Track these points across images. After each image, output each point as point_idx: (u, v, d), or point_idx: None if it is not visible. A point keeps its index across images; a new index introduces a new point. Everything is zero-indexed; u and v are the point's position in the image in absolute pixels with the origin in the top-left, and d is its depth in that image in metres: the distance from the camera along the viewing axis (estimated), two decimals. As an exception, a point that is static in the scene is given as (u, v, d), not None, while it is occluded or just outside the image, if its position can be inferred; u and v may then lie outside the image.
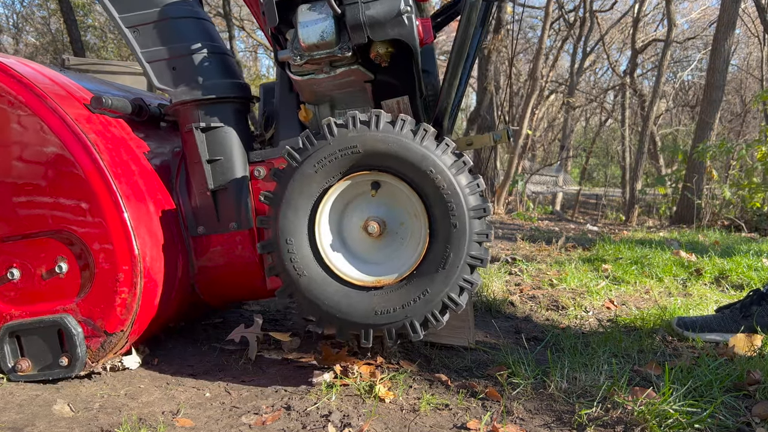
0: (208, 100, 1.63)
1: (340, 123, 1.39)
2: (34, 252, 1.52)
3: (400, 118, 1.38)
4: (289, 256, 1.41)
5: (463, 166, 1.37)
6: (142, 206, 1.54)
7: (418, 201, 1.39)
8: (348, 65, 1.46)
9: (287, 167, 1.41)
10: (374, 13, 1.36)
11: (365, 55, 1.47)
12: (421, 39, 1.44)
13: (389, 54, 1.44)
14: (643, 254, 3.45)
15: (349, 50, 1.41)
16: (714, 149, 7.07)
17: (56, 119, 1.47)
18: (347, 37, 1.41)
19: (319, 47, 1.41)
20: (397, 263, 1.44)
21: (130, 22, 1.63)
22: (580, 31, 13.46)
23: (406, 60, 1.51)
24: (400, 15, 1.36)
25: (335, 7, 1.37)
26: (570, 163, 20.20)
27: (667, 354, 1.76)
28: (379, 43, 1.42)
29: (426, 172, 1.35)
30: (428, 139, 1.37)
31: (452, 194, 1.35)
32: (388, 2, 1.36)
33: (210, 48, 1.66)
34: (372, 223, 1.43)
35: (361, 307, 1.40)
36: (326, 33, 1.39)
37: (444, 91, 1.55)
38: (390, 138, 1.36)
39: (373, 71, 1.52)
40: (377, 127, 1.37)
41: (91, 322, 1.51)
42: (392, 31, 1.38)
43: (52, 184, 1.49)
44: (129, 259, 1.48)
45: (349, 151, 1.37)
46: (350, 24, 1.37)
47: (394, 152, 1.36)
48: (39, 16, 14.33)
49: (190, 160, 1.68)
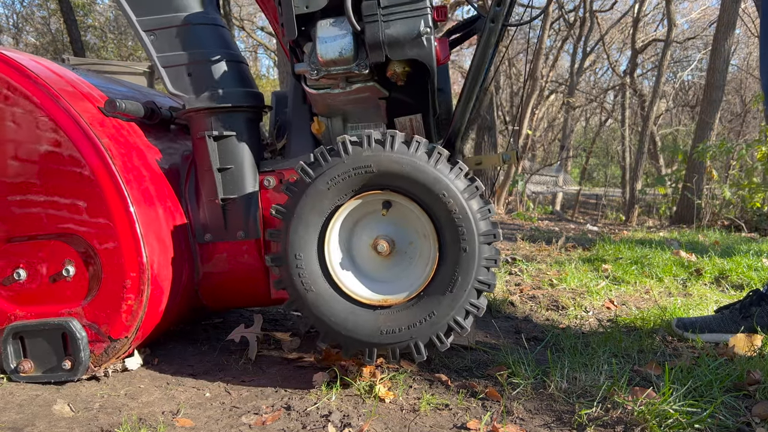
0: (223, 109, 1.62)
1: (355, 141, 1.39)
2: (42, 254, 1.52)
3: (415, 140, 1.38)
4: (297, 271, 1.41)
5: (476, 191, 1.37)
6: (151, 212, 1.54)
7: (428, 223, 1.40)
8: (364, 82, 1.46)
9: (300, 182, 1.41)
10: (394, 32, 1.36)
11: (381, 73, 1.47)
12: (438, 59, 1.44)
13: (406, 73, 1.44)
14: (643, 254, 3.45)
15: (367, 68, 1.41)
16: (714, 149, 7.07)
17: (70, 121, 1.46)
18: (365, 55, 1.41)
19: (336, 63, 1.41)
20: (404, 283, 1.45)
21: (147, 25, 1.61)
22: (580, 31, 13.46)
23: (422, 78, 1.51)
24: (420, 36, 1.36)
25: (355, 24, 1.37)
26: (570, 163, 20.21)
27: (667, 354, 1.76)
28: (396, 62, 1.42)
29: (438, 195, 1.36)
30: (442, 162, 1.37)
31: (464, 219, 1.36)
32: (408, 22, 1.36)
33: (227, 56, 1.65)
34: (381, 242, 1.44)
35: (367, 326, 1.41)
36: (345, 49, 1.39)
37: (458, 113, 1.57)
38: (404, 159, 1.36)
39: (388, 88, 1.51)
40: (392, 147, 1.37)
41: (96, 326, 1.51)
42: (411, 52, 1.39)
43: (63, 187, 1.48)
44: (137, 266, 1.48)
45: (362, 170, 1.38)
46: (369, 42, 1.37)
47: (407, 174, 1.36)
48: (39, 16, 14.33)
49: (200, 167, 1.67)
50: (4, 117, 1.48)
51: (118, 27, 14.52)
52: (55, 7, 12.12)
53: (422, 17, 1.36)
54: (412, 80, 1.50)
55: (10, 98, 1.48)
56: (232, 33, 11.62)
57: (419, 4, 1.36)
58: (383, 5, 1.36)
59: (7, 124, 1.48)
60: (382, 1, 1.36)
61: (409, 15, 1.36)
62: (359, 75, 1.44)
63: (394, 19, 1.36)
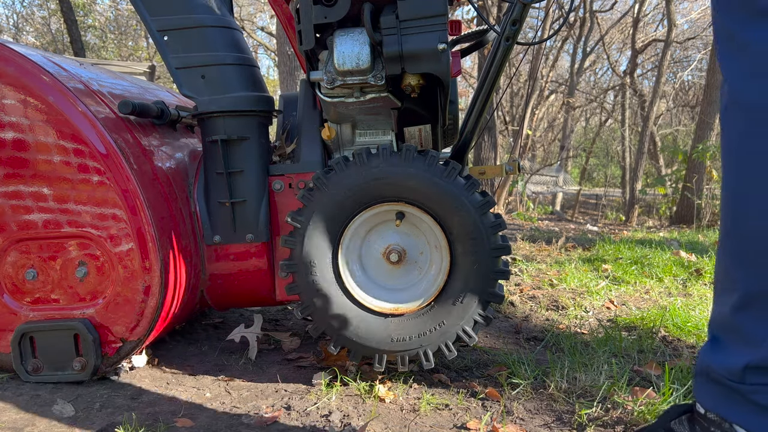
0: (235, 113, 1.62)
1: (373, 153, 1.41)
2: (55, 254, 1.51)
3: (431, 154, 1.40)
4: (311, 279, 1.44)
5: (488, 205, 1.39)
6: (164, 214, 1.53)
7: (441, 234, 1.42)
8: (378, 92, 1.46)
9: (316, 191, 1.42)
10: (411, 46, 1.37)
11: (396, 84, 1.48)
12: (451, 73, 1.45)
13: (420, 86, 1.45)
14: (643, 254, 3.45)
15: (383, 79, 1.42)
16: (714, 149, 7.08)
17: (85, 122, 1.45)
18: (381, 66, 1.42)
19: (353, 73, 1.41)
20: (415, 292, 1.47)
21: (162, 25, 1.60)
22: (580, 31, 13.46)
23: (434, 90, 1.52)
24: (437, 51, 1.37)
25: (373, 36, 1.37)
26: (570, 163, 20.21)
27: (667, 354, 1.76)
28: (411, 74, 1.43)
29: (452, 209, 1.38)
30: (456, 176, 1.39)
31: (476, 232, 1.38)
32: (426, 37, 1.37)
33: (240, 60, 1.64)
34: (393, 251, 1.46)
35: (378, 333, 1.44)
36: (362, 60, 1.39)
37: (469, 126, 1.60)
38: (420, 173, 1.38)
39: (400, 99, 1.52)
40: (409, 160, 1.39)
41: (109, 328, 1.51)
42: (427, 66, 1.39)
43: (77, 187, 1.47)
44: (151, 268, 1.48)
45: (379, 182, 1.40)
46: (387, 55, 1.37)
47: (423, 187, 1.39)
48: (39, 16, 14.34)
49: (210, 170, 1.66)
50: (18, 115, 1.47)
51: (118, 27, 14.53)
52: (55, 7, 12.13)
53: (439, 32, 1.36)
54: (425, 92, 1.52)
55: (23, 97, 1.46)
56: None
57: (437, 20, 1.36)
58: (402, 18, 1.36)
59: (19, 122, 1.47)
60: (401, 14, 1.36)
61: (427, 30, 1.36)
62: (374, 86, 1.44)
63: (412, 33, 1.37)
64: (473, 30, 1.80)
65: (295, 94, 1.82)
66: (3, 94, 1.46)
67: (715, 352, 0.92)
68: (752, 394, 0.86)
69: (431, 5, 1.35)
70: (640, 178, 10.92)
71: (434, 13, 1.36)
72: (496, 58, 1.49)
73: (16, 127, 1.47)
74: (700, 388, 0.95)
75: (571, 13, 13.01)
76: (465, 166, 1.68)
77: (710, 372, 0.92)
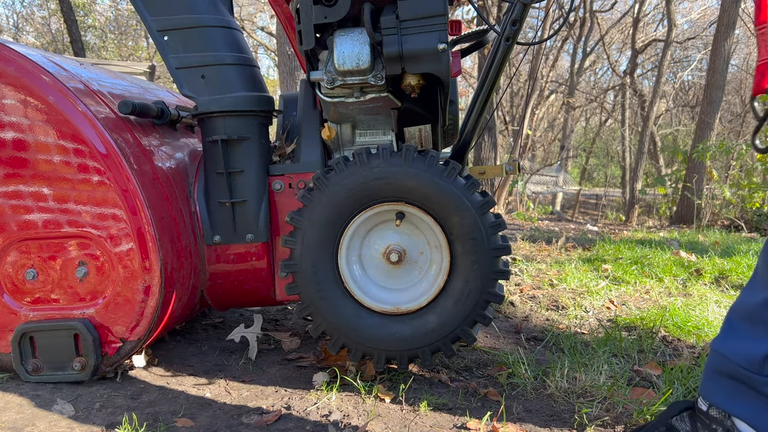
0: (235, 113, 1.62)
1: (373, 153, 1.41)
2: (55, 254, 1.51)
3: (431, 154, 1.40)
4: (311, 278, 1.44)
5: (488, 205, 1.39)
6: (164, 214, 1.53)
7: (441, 234, 1.43)
8: (378, 92, 1.46)
9: (316, 191, 1.42)
10: (411, 46, 1.37)
11: (396, 84, 1.48)
12: (451, 73, 1.45)
13: (420, 86, 1.45)
14: (643, 254, 3.45)
15: (383, 79, 1.42)
16: (714, 149, 7.08)
17: (86, 122, 1.45)
18: (381, 66, 1.42)
19: (353, 73, 1.41)
20: (415, 292, 1.47)
21: (162, 25, 1.60)
22: (580, 31, 13.46)
23: (434, 90, 1.52)
24: (437, 51, 1.37)
25: (373, 36, 1.37)
26: (570, 163, 20.21)
27: (667, 354, 1.76)
28: (411, 74, 1.43)
29: (452, 209, 1.38)
30: (457, 176, 1.39)
31: (476, 233, 1.38)
32: (426, 37, 1.37)
33: (240, 60, 1.64)
34: (393, 251, 1.46)
35: (378, 333, 1.45)
36: (362, 60, 1.39)
37: (469, 126, 1.60)
38: (420, 173, 1.38)
39: (401, 99, 1.52)
40: (409, 160, 1.39)
41: (109, 328, 1.51)
42: (427, 66, 1.39)
43: (77, 188, 1.47)
44: (151, 268, 1.48)
45: (380, 182, 1.40)
46: (387, 55, 1.38)
47: (423, 187, 1.39)
48: (39, 16, 14.34)
49: (210, 169, 1.67)
50: (18, 115, 1.47)
51: (118, 27, 14.53)
52: (55, 7, 12.13)
53: (439, 32, 1.36)
54: (425, 92, 1.51)
55: (23, 97, 1.46)
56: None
57: (437, 19, 1.36)
58: (402, 18, 1.36)
59: (19, 121, 1.47)
60: (401, 14, 1.36)
61: (427, 30, 1.37)
62: (374, 86, 1.44)
63: (412, 33, 1.37)
64: (473, 30, 1.80)
65: (295, 94, 1.82)
66: (3, 94, 1.46)
67: (734, 339, 0.92)
68: (766, 386, 0.86)
69: (431, 5, 1.35)
70: (640, 178, 10.92)
71: (434, 13, 1.36)
72: (496, 58, 1.49)
73: (16, 127, 1.47)
74: (708, 383, 0.95)
75: (571, 13, 13.01)
76: (465, 166, 1.68)
77: (725, 364, 0.92)
